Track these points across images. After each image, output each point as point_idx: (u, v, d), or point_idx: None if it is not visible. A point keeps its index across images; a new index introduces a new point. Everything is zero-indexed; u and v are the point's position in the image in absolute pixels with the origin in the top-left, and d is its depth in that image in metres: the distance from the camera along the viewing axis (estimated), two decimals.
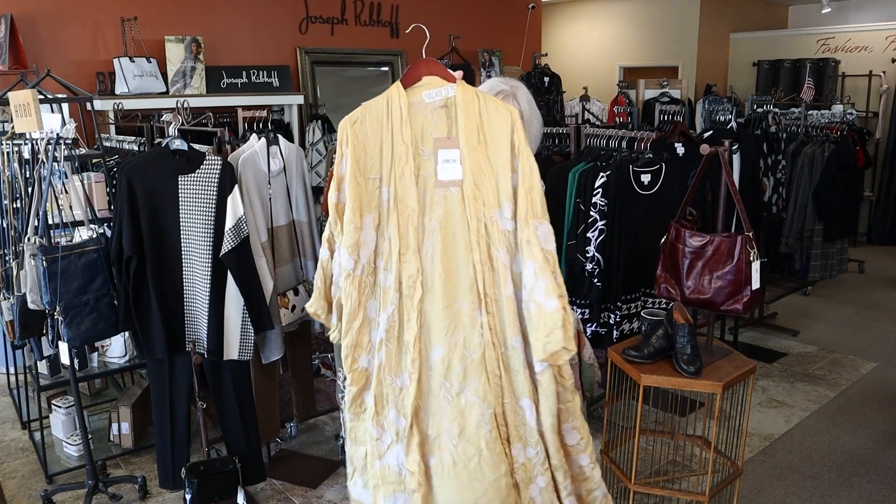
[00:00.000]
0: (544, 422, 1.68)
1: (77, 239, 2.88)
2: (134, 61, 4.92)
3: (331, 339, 1.80)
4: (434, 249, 1.66)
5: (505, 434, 1.68)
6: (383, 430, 1.71)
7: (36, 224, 2.76)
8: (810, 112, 5.60)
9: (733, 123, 4.41)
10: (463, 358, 1.65)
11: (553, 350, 1.62)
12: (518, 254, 1.64)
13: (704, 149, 2.52)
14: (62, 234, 2.92)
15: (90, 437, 3.16)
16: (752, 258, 2.39)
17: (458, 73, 1.71)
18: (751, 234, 2.41)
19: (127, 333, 3.21)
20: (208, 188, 2.76)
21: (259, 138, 3.05)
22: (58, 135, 2.76)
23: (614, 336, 3.30)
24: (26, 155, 2.92)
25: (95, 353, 3.35)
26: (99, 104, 4.48)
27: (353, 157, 1.64)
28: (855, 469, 3.26)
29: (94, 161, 3.34)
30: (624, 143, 3.38)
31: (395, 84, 1.69)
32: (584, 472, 1.75)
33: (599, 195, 3.19)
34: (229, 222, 2.74)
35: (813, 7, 8.59)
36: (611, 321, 3.31)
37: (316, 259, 3.18)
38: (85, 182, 3.05)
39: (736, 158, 4.16)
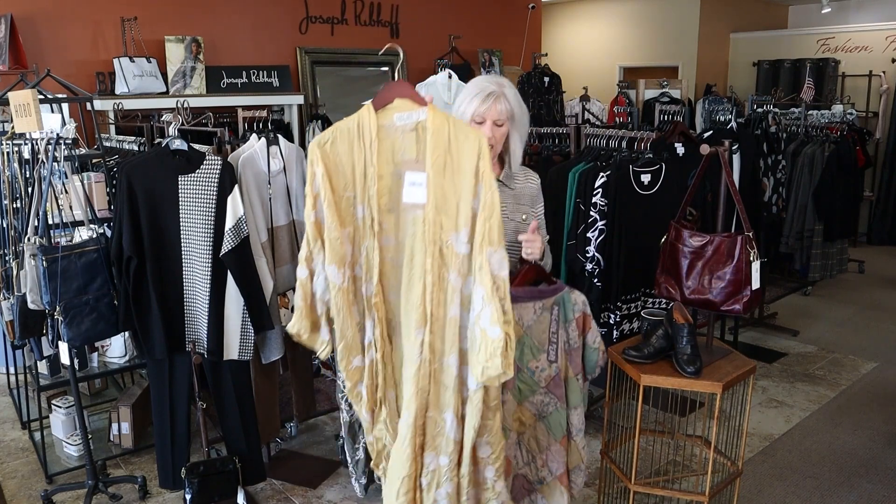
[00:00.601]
0: (466, 435, 1.78)
1: (77, 239, 2.88)
2: (134, 61, 4.92)
3: (321, 357, 1.87)
4: (400, 266, 1.74)
5: (420, 443, 1.79)
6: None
7: (36, 224, 2.76)
8: (810, 112, 5.60)
9: (733, 123, 4.41)
10: (409, 368, 1.77)
11: (491, 375, 1.69)
12: (470, 277, 1.72)
13: (704, 149, 2.52)
14: (62, 234, 2.92)
15: (90, 437, 3.16)
16: (752, 258, 2.39)
17: (429, 97, 1.75)
18: (751, 234, 2.41)
19: (127, 333, 3.21)
20: (208, 188, 2.76)
21: (259, 138, 3.05)
22: (58, 135, 2.76)
23: (614, 336, 3.30)
24: (26, 155, 2.92)
25: (95, 353, 3.35)
26: (99, 104, 4.48)
27: (326, 175, 1.69)
28: (855, 469, 3.26)
29: (94, 161, 3.34)
30: (624, 143, 3.38)
31: (366, 105, 1.74)
32: (487, 482, 1.87)
33: (599, 195, 3.19)
34: (229, 222, 2.74)
35: (813, 7, 8.58)
36: (611, 321, 3.31)
37: None
38: (85, 182, 3.05)
39: (736, 158, 4.16)
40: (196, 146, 2.92)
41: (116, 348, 3.38)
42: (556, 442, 2.15)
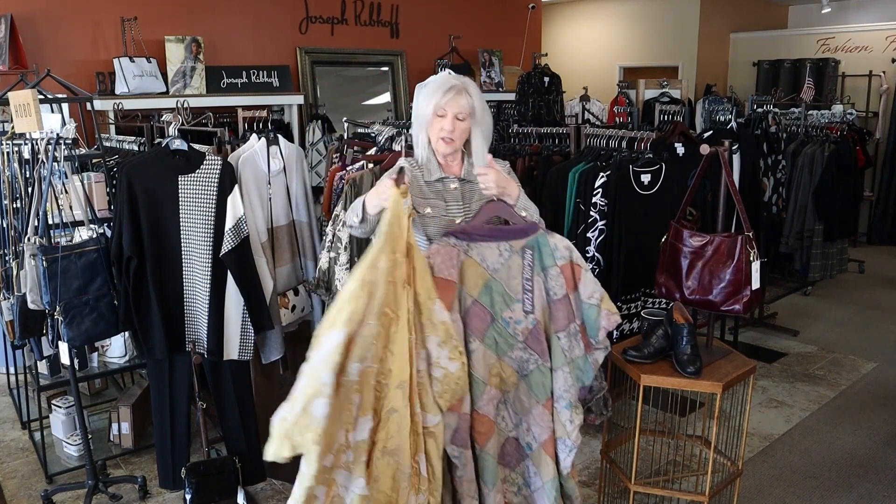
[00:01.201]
0: (436, 466, 1.93)
1: (77, 239, 2.88)
2: (134, 61, 4.92)
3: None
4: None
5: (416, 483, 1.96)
6: None
7: (36, 224, 2.76)
8: (810, 112, 5.60)
9: (733, 123, 4.41)
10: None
11: (458, 397, 1.93)
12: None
13: (704, 149, 2.52)
14: (62, 234, 2.92)
15: (90, 437, 3.16)
16: (752, 258, 2.39)
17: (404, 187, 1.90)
18: (751, 234, 2.41)
19: (127, 333, 3.21)
20: (208, 188, 2.76)
21: (259, 138, 3.05)
22: (58, 135, 2.76)
23: (614, 336, 3.30)
24: (26, 155, 2.92)
25: (95, 353, 3.35)
26: (99, 104, 4.48)
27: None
28: (855, 469, 3.26)
29: (94, 161, 3.34)
30: (624, 143, 3.38)
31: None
32: None
33: (599, 195, 3.19)
34: (229, 222, 2.74)
35: (813, 7, 8.58)
36: None
37: (316, 259, 3.18)
38: (85, 182, 3.05)
39: (736, 158, 4.16)
40: (196, 146, 2.92)
41: (116, 348, 3.38)
42: (539, 404, 2.01)
